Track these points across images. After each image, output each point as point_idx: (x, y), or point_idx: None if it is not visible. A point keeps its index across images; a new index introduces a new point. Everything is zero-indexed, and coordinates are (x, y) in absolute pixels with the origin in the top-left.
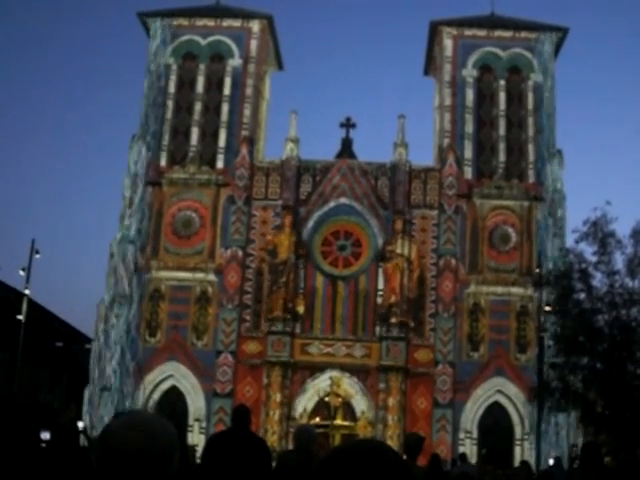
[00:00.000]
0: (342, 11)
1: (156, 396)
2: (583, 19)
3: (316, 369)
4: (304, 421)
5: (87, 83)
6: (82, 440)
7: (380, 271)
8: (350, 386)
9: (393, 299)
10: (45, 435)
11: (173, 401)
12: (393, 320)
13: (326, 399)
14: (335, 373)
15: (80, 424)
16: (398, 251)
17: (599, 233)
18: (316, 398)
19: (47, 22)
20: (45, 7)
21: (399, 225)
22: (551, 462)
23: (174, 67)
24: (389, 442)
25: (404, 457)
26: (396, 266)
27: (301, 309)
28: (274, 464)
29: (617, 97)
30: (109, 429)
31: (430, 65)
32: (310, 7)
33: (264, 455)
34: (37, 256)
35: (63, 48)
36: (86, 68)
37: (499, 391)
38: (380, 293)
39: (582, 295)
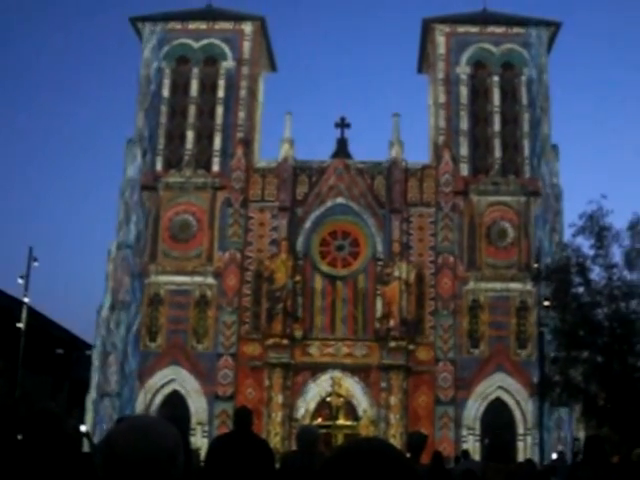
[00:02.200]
0: (334, 11)
1: (158, 401)
2: (575, 12)
3: (317, 369)
4: (306, 422)
5: (82, 89)
6: (85, 444)
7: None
8: (351, 386)
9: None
10: None
11: (175, 405)
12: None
13: (328, 399)
14: (336, 373)
15: (83, 427)
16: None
17: (595, 227)
18: (318, 399)
19: (39, 28)
20: (37, 13)
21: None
22: (554, 456)
23: (167, 71)
24: (392, 441)
25: (407, 455)
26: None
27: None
28: (278, 465)
29: (611, 90)
30: (113, 435)
31: (424, 63)
32: (302, 8)
33: (267, 456)
34: (35, 264)
35: (56, 54)
36: (80, 74)
37: (500, 387)
38: (379, 292)
39: (581, 289)
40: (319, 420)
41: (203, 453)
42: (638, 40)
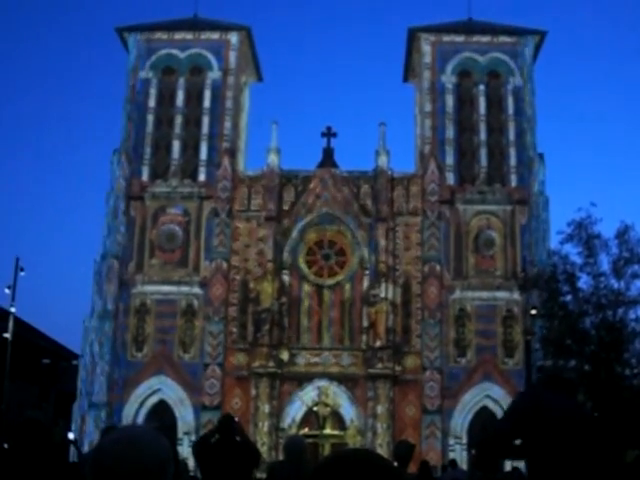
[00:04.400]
0: (320, 20)
1: (144, 411)
2: (561, 21)
3: (304, 379)
4: (293, 431)
5: (68, 99)
6: (73, 452)
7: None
8: (338, 395)
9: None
10: None
11: (162, 415)
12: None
13: (315, 409)
14: (323, 382)
15: (71, 435)
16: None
17: (584, 234)
18: (305, 408)
19: (25, 38)
20: (24, 23)
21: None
22: None
23: (154, 81)
24: (379, 450)
25: (395, 465)
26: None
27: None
28: (265, 475)
29: (598, 97)
30: (102, 445)
31: (410, 72)
32: (288, 17)
33: (251, 455)
34: (22, 274)
35: (42, 64)
36: (66, 84)
37: (487, 396)
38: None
39: (568, 297)
40: (306, 430)
41: (190, 463)
42: (624, 48)
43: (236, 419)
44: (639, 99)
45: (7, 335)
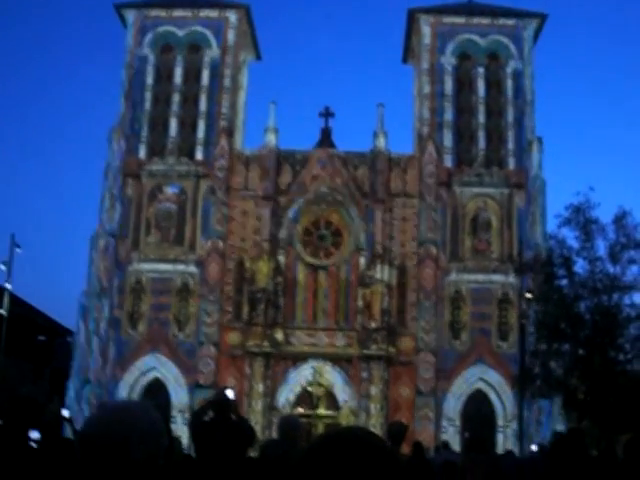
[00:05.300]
0: (319, 0)
1: (139, 388)
2: (562, 4)
3: (298, 359)
4: (287, 411)
5: (65, 76)
6: (68, 429)
7: (360, 293)
8: (332, 375)
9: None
10: (34, 434)
11: (156, 393)
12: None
13: (309, 389)
14: (317, 363)
15: (66, 412)
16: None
17: (581, 219)
18: (299, 388)
19: (22, 14)
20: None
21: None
22: (534, 448)
23: (151, 58)
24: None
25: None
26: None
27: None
28: (258, 454)
29: (598, 82)
30: (91, 418)
31: (409, 53)
32: None
33: (245, 434)
34: (18, 250)
35: (39, 41)
36: (64, 61)
37: (481, 379)
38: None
39: (564, 281)
40: (299, 410)
41: (184, 441)
42: (624, 32)
43: (231, 391)
44: None
45: (2, 311)
